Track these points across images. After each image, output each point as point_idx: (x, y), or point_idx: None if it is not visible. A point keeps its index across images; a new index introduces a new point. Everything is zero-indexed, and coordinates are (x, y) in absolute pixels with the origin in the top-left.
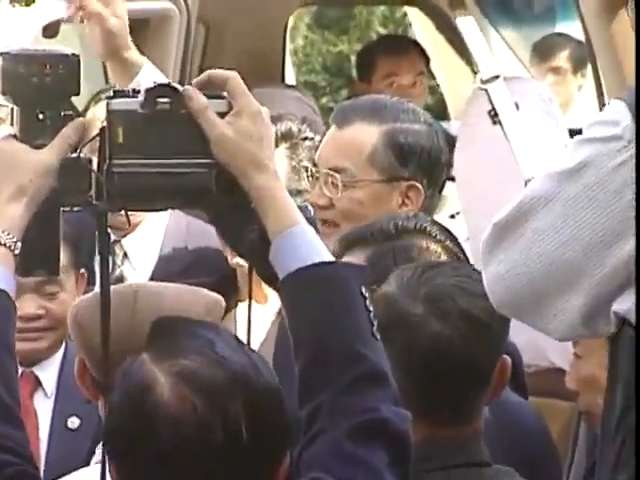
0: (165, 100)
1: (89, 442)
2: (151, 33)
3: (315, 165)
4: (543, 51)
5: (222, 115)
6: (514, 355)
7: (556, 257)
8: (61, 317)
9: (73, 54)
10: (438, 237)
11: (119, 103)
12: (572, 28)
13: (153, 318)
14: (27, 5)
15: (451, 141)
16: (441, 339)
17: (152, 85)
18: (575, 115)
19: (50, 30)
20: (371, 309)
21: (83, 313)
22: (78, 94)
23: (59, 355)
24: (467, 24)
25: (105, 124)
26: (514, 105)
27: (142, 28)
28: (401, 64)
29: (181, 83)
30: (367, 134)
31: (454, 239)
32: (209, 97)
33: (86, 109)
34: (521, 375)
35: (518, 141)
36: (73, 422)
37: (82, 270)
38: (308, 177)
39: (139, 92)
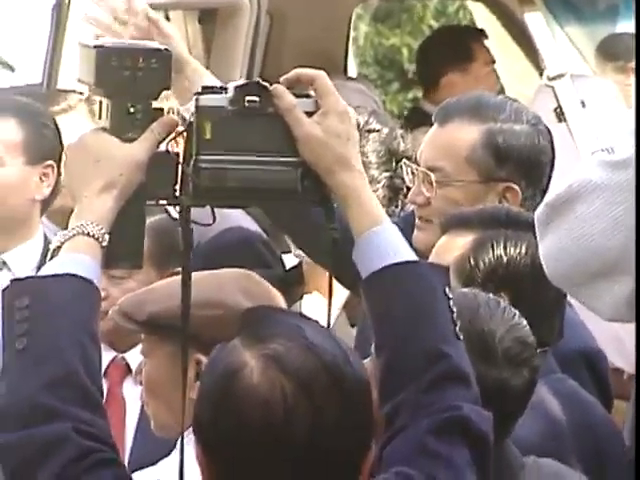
0: (254, 98)
1: None
2: (220, 23)
3: (417, 163)
4: (609, 50)
5: (309, 114)
6: (598, 358)
7: (601, 241)
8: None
9: (166, 49)
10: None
11: (208, 99)
12: (634, 26)
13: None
14: None
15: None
16: None
17: (241, 82)
18: None
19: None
20: (454, 309)
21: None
22: (169, 89)
23: None
24: (535, 20)
25: (193, 119)
26: (580, 103)
27: (211, 18)
28: (489, 52)
29: (249, 74)
30: (466, 133)
31: None
32: (297, 96)
33: None
34: (604, 378)
35: (583, 139)
36: None
37: None
38: (408, 174)
39: (227, 89)
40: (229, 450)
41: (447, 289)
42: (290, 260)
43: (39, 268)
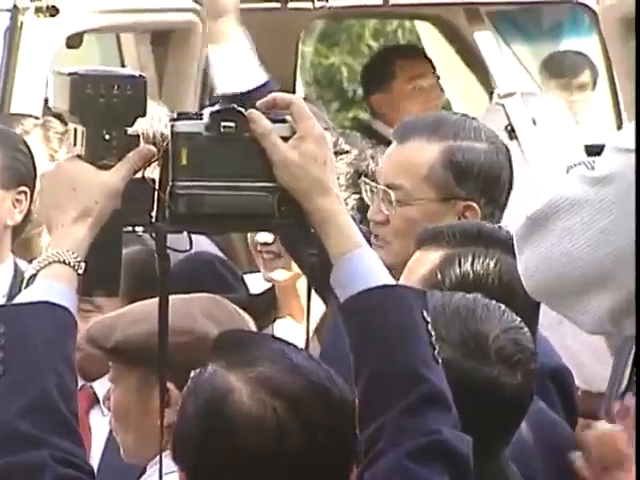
0: (229, 123)
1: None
2: (173, 45)
3: (375, 180)
4: (553, 67)
5: (286, 139)
6: (565, 375)
7: (583, 256)
8: None
9: (140, 75)
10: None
11: (183, 125)
12: (578, 44)
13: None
14: (52, 16)
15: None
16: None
17: (216, 108)
18: (589, 131)
19: (74, 41)
20: (432, 333)
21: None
22: (144, 115)
23: None
24: (485, 39)
25: (169, 145)
26: (531, 121)
27: (163, 40)
28: (420, 68)
29: (202, 97)
30: (425, 151)
31: None
32: (273, 121)
33: None
34: (571, 395)
35: (535, 157)
36: None
37: None
38: (367, 192)
39: (202, 115)
40: (221, 473)
41: (425, 312)
42: (256, 281)
43: (9, 295)
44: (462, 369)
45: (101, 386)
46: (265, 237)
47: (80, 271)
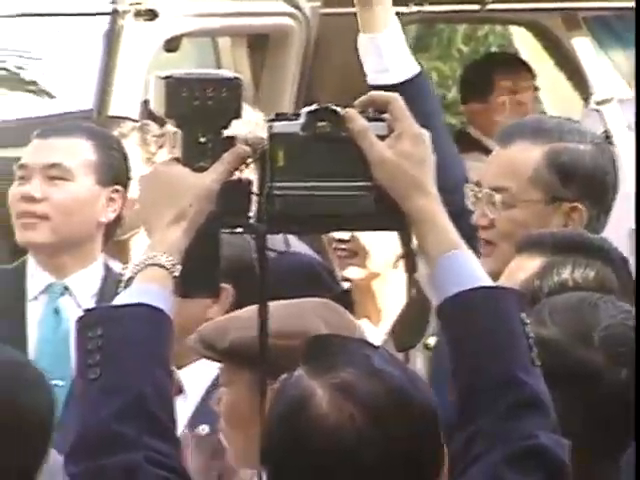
0: (325, 123)
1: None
2: (270, 49)
3: (479, 185)
4: None
5: (382, 138)
6: None
7: None
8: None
9: (235, 77)
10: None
11: (280, 126)
12: None
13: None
14: (151, 20)
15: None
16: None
17: (312, 108)
18: None
19: (172, 44)
20: (531, 335)
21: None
22: (239, 117)
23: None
24: (583, 45)
25: (267, 147)
26: (627, 127)
27: (260, 44)
28: (522, 82)
29: (297, 99)
30: (530, 153)
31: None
32: (369, 119)
33: None
34: None
35: (630, 163)
36: (203, 429)
37: (227, 285)
38: (471, 197)
39: (299, 115)
40: (301, 475)
41: (523, 315)
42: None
43: (100, 294)
44: (568, 355)
45: (186, 374)
46: (341, 233)
47: (176, 273)
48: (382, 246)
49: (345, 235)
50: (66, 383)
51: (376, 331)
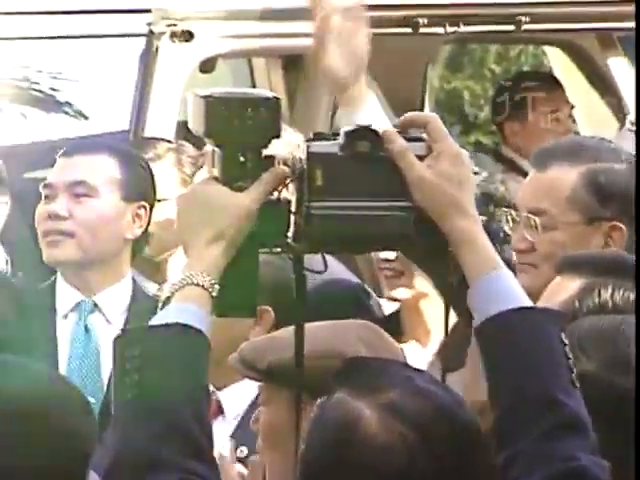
0: (364, 142)
1: None
2: (305, 69)
3: (515, 209)
4: None
5: (421, 158)
6: None
7: None
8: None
9: (275, 97)
10: None
11: (319, 146)
12: None
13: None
14: (186, 41)
15: None
16: None
17: (352, 128)
18: None
19: (207, 65)
20: (570, 356)
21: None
22: (279, 137)
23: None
24: (618, 65)
25: (305, 166)
26: None
27: (295, 65)
28: (558, 100)
29: (332, 120)
30: (566, 175)
31: None
32: (408, 140)
33: None
34: None
35: None
36: (242, 451)
37: (266, 307)
38: (508, 221)
39: (338, 134)
40: None
41: (563, 335)
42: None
43: (129, 310)
44: (603, 383)
45: (226, 396)
46: (387, 253)
47: (214, 293)
48: None
49: (391, 255)
50: (97, 400)
51: (424, 352)
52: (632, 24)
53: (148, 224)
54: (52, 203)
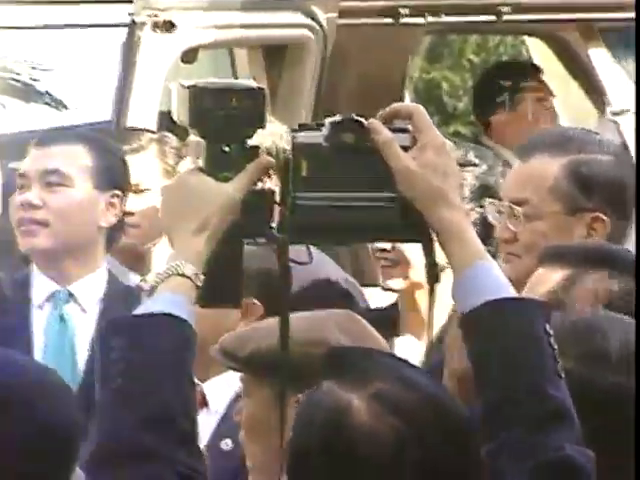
0: (349, 134)
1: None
2: (288, 60)
3: (499, 199)
4: None
5: (406, 149)
6: None
7: None
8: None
9: (259, 87)
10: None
11: (304, 136)
12: None
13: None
14: (168, 31)
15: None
16: None
17: (337, 118)
18: None
19: (189, 56)
20: (555, 347)
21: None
22: (263, 127)
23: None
24: (599, 56)
25: (290, 157)
26: None
27: (276, 56)
28: (543, 89)
29: (315, 111)
30: (549, 165)
31: None
32: (393, 130)
33: None
34: None
35: None
36: (227, 444)
37: (254, 300)
38: (494, 212)
39: (323, 125)
40: None
41: (547, 325)
42: (376, 294)
43: (105, 299)
44: (583, 379)
45: (210, 388)
46: (383, 243)
47: (199, 283)
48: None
49: (387, 245)
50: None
51: (419, 345)
52: (615, 15)
53: (122, 212)
54: (26, 192)
